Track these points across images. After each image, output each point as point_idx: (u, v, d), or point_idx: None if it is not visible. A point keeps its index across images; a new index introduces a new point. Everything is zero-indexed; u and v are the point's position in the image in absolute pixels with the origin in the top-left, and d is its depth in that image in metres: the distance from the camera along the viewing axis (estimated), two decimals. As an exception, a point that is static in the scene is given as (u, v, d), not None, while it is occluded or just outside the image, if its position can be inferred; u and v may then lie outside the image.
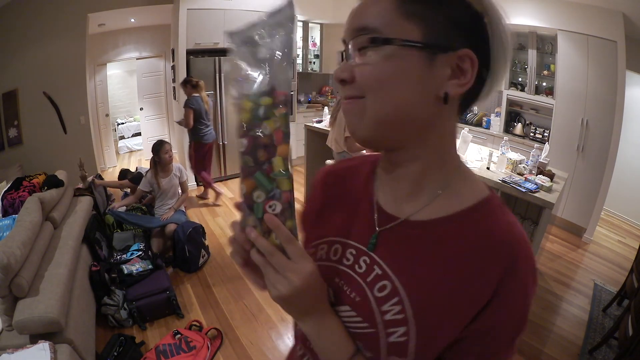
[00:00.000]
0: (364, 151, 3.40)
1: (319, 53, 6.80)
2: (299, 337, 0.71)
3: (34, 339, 1.92)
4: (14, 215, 2.71)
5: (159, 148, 3.54)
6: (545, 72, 4.63)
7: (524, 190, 2.62)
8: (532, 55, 4.66)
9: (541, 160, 3.01)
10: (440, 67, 0.50)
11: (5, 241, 2.09)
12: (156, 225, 3.40)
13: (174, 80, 5.31)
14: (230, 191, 5.31)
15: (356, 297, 0.59)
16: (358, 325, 0.58)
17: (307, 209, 0.77)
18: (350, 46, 0.53)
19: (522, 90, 4.91)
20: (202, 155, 4.64)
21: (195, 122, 4.30)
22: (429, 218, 0.56)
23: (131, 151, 7.97)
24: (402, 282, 0.55)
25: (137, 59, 6.65)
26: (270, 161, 0.52)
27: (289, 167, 0.53)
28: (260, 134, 0.52)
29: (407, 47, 0.49)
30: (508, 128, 5.15)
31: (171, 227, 3.36)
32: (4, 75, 4.27)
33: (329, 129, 3.72)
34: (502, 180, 2.82)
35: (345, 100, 0.55)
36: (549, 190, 2.65)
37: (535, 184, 2.70)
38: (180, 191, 3.79)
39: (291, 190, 0.54)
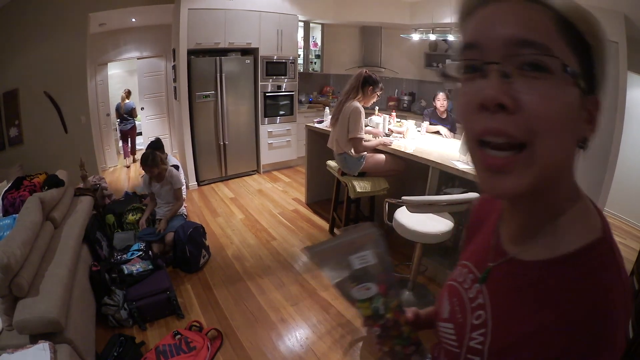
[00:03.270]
0: (366, 152, 3.40)
1: (320, 53, 6.80)
2: None
3: (34, 339, 1.91)
4: (14, 215, 2.71)
5: (143, 163, 3.45)
6: (549, 75, 4.63)
7: None
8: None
9: None
10: (584, 109, 0.46)
11: (6, 241, 2.09)
12: (155, 239, 3.37)
13: (174, 80, 5.31)
14: (230, 191, 5.33)
15: (460, 318, 0.64)
16: (450, 342, 0.65)
17: (465, 232, 0.82)
18: (502, 62, 0.44)
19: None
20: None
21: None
22: (532, 259, 0.54)
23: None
24: (493, 315, 0.57)
25: (137, 58, 6.68)
26: (401, 331, 0.78)
27: (412, 328, 0.80)
28: (385, 322, 0.76)
29: (575, 80, 0.44)
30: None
31: (170, 237, 3.34)
32: (4, 75, 4.29)
33: (329, 129, 3.68)
34: None
35: (498, 154, 0.46)
36: None
37: None
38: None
39: (415, 334, 0.80)
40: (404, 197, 2.45)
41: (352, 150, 3.36)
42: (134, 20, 5.79)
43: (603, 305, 0.46)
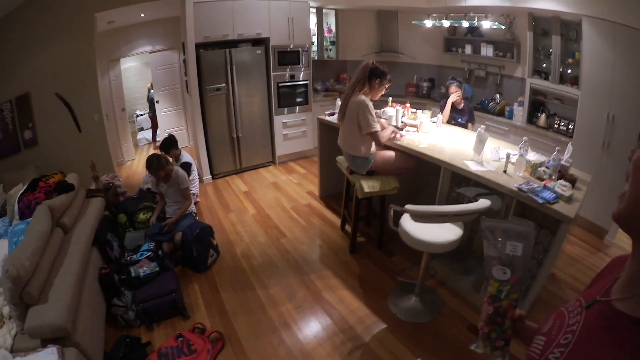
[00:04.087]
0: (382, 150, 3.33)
1: (335, 39, 6.78)
2: None
3: (45, 343, 2.13)
4: (29, 219, 2.91)
5: (148, 168, 3.60)
6: (570, 60, 4.47)
7: (541, 202, 2.43)
8: (555, 42, 4.51)
9: (563, 163, 2.82)
10: None
11: (15, 253, 2.31)
12: (165, 239, 3.54)
13: (185, 74, 5.45)
14: (244, 184, 5.49)
15: (553, 335, 0.76)
16: (536, 350, 0.79)
17: (593, 278, 0.93)
18: None
19: (546, 78, 4.77)
20: None
21: None
22: (621, 308, 0.65)
23: (149, 142, 8.27)
24: (576, 341, 0.69)
25: (150, 52, 6.85)
26: (504, 322, 0.94)
27: (512, 325, 0.95)
28: (500, 306, 0.93)
29: None
30: (531, 119, 5.03)
31: (178, 237, 3.50)
32: (16, 79, 4.53)
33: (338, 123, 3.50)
34: (519, 189, 2.59)
35: (622, 191, 0.65)
36: (568, 200, 2.47)
37: (555, 192, 2.51)
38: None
39: (510, 331, 0.95)
40: (407, 206, 2.41)
41: (372, 147, 3.29)
42: (142, 15, 5.92)
43: None
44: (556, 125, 4.62)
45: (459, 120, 4.48)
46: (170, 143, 4.57)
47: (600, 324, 0.66)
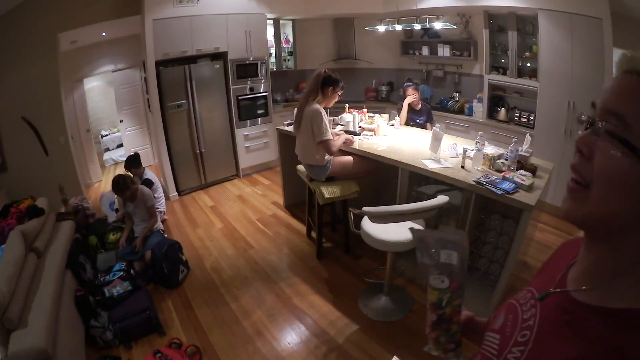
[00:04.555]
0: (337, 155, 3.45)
1: (292, 50, 7.01)
2: None
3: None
4: (2, 246, 3.01)
5: (115, 189, 3.75)
6: (528, 54, 4.76)
7: (500, 192, 2.51)
8: (512, 37, 4.79)
9: (522, 153, 2.92)
10: None
11: (-9, 280, 2.42)
12: (136, 258, 3.68)
13: (147, 92, 5.57)
14: (210, 199, 5.65)
15: (508, 332, 0.74)
16: (491, 350, 0.76)
17: (541, 266, 0.96)
18: (598, 121, 0.58)
19: (504, 73, 5.05)
20: None
21: None
22: (581, 300, 0.63)
23: (116, 163, 8.29)
24: (536, 337, 0.67)
25: (112, 71, 6.96)
26: (450, 327, 0.96)
27: (460, 328, 0.97)
28: (443, 313, 0.95)
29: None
30: (492, 114, 5.32)
31: (149, 255, 3.66)
32: (-19, 103, 4.58)
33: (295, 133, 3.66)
34: (477, 182, 2.68)
35: (571, 183, 0.62)
36: (529, 189, 2.57)
37: (514, 182, 2.60)
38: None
39: (459, 335, 0.97)
40: (364, 208, 2.52)
41: (325, 155, 3.42)
42: (104, 34, 6.04)
43: None
44: (517, 118, 4.89)
45: (418, 121, 4.73)
46: (133, 161, 4.73)
47: (560, 318, 0.64)
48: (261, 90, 6.14)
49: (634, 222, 0.55)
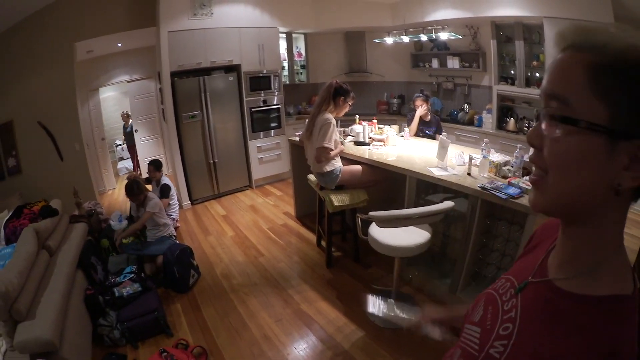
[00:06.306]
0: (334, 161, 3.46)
1: (305, 63, 7.14)
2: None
3: (34, 358, 2.31)
4: (15, 244, 3.09)
5: (128, 194, 3.92)
6: (535, 63, 4.80)
7: (504, 197, 2.53)
8: (519, 47, 4.84)
9: (527, 160, 2.88)
10: (618, 154, 0.52)
11: (4, 271, 2.52)
12: (149, 253, 3.80)
13: (162, 102, 5.72)
14: (222, 208, 5.72)
15: (489, 325, 0.72)
16: (472, 344, 0.74)
17: (522, 252, 0.91)
18: (543, 109, 0.58)
19: (512, 84, 5.09)
20: None
21: None
22: (565, 288, 0.62)
23: (130, 172, 8.42)
24: (519, 330, 0.65)
25: (127, 81, 7.13)
26: None
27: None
28: None
29: (593, 130, 0.52)
30: (501, 124, 5.35)
31: (160, 259, 3.74)
32: (-1, 107, 4.75)
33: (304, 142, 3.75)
34: (482, 187, 2.70)
35: (533, 176, 0.62)
36: None
37: (519, 187, 2.60)
38: (163, 220, 4.10)
39: None
40: (371, 213, 2.56)
41: (338, 161, 3.51)
42: (120, 45, 6.23)
43: (619, 356, 0.54)
44: (526, 128, 4.90)
45: (427, 132, 4.78)
46: (157, 163, 4.92)
47: (543, 308, 0.63)
48: (274, 103, 6.24)
49: (602, 199, 0.55)
